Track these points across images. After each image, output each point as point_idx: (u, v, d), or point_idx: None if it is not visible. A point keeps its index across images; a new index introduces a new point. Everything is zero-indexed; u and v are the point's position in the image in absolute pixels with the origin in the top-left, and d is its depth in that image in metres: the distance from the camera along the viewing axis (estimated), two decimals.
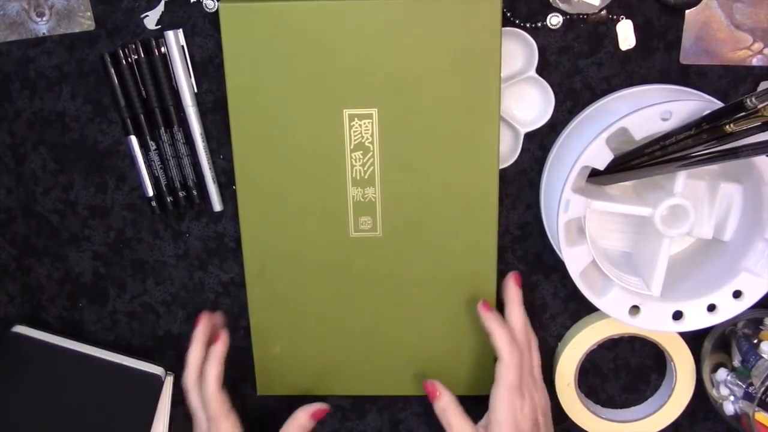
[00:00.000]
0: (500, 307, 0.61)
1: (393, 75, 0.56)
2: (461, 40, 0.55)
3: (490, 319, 0.58)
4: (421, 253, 0.60)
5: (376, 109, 0.57)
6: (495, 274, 0.61)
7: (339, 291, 0.62)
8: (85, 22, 0.59)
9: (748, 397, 0.59)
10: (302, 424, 0.61)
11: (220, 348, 0.59)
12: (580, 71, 0.59)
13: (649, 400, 0.67)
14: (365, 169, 0.58)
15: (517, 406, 0.56)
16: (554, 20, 0.58)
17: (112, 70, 0.59)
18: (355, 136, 0.57)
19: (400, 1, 0.55)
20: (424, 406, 0.68)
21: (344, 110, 0.57)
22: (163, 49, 0.59)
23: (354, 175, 0.58)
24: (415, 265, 0.61)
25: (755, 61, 0.59)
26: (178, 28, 0.59)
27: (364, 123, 0.57)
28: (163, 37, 0.59)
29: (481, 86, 0.56)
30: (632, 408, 0.68)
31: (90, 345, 0.65)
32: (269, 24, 0.55)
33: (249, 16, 0.55)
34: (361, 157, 0.58)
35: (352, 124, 0.57)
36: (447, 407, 0.59)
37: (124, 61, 0.59)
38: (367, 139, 0.57)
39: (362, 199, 0.59)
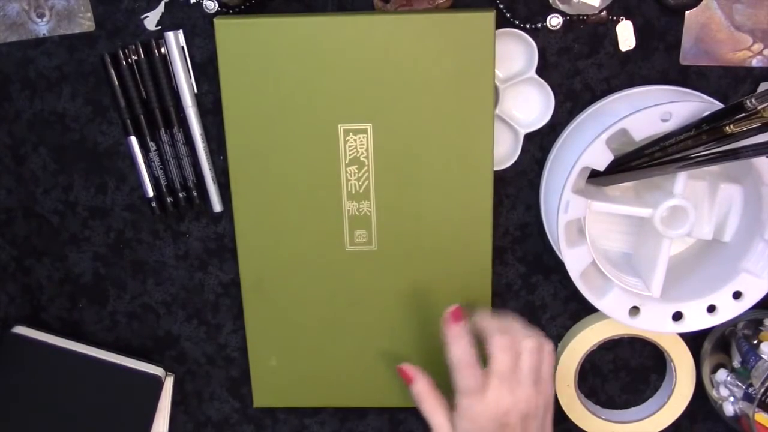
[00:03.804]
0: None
1: (387, 90, 0.56)
2: (455, 55, 0.55)
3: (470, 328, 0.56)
4: (416, 267, 0.61)
5: (370, 124, 0.57)
6: (490, 287, 0.62)
7: (335, 304, 0.62)
8: (85, 22, 0.59)
9: (747, 397, 0.59)
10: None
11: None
12: (580, 72, 0.59)
13: (649, 400, 0.67)
14: (360, 183, 0.58)
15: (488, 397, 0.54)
16: (554, 21, 0.58)
17: (112, 71, 0.59)
18: (350, 150, 0.58)
19: (394, 16, 0.55)
20: None
21: (339, 125, 0.57)
22: (163, 50, 0.59)
23: (349, 190, 0.59)
24: (411, 278, 0.61)
25: (755, 62, 0.59)
26: (178, 29, 0.59)
27: (359, 138, 0.57)
28: (163, 37, 0.59)
29: (475, 101, 0.56)
30: (632, 409, 0.68)
31: (90, 345, 0.65)
32: (264, 39, 0.56)
33: (244, 31, 0.56)
34: (356, 171, 0.58)
35: (347, 138, 0.57)
36: (421, 392, 0.57)
37: (124, 61, 0.59)
38: (362, 153, 0.58)
39: (357, 213, 0.59)
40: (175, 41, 0.59)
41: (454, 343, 0.56)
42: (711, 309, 0.58)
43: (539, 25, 0.58)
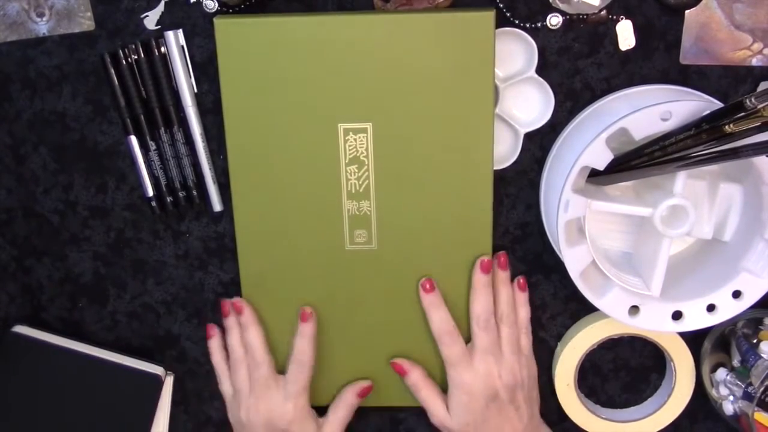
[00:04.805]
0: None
1: (387, 89, 0.56)
2: (455, 54, 0.55)
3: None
4: (416, 267, 0.61)
5: (370, 124, 0.57)
6: None
7: (335, 304, 0.62)
8: (85, 22, 0.59)
9: (747, 396, 0.59)
10: (350, 403, 0.63)
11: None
12: (580, 71, 0.59)
13: (649, 400, 0.67)
14: (360, 182, 0.58)
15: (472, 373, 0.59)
16: (554, 20, 0.58)
17: (112, 71, 0.59)
18: (350, 150, 0.58)
19: (394, 16, 0.55)
20: None
21: (339, 125, 0.57)
22: (163, 50, 0.59)
23: (349, 189, 0.59)
24: (411, 277, 0.61)
25: (755, 62, 0.59)
26: (178, 29, 0.59)
27: (359, 137, 0.57)
28: (163, 37, 0.59)
29: (475, 100, 0.57)
30: (632, 408, 0.68)
31: (90, 345, 0.65)
32: (264, 39, 0.56)
33: (244, 31, 0.56)
34: (356, 170, 0.58)
35: (347, 138, 0.57)
36: (417, 382, 0.61)
37: (124, 61, 0.59)
38: (362, 153, 0.58)
39: (357, 213, 0.59)
40: (175, 41, 0.59)
41: (432, 311, 0.60)
42: (711, 308, 0.58)
43: (539, 25, 0.58)
